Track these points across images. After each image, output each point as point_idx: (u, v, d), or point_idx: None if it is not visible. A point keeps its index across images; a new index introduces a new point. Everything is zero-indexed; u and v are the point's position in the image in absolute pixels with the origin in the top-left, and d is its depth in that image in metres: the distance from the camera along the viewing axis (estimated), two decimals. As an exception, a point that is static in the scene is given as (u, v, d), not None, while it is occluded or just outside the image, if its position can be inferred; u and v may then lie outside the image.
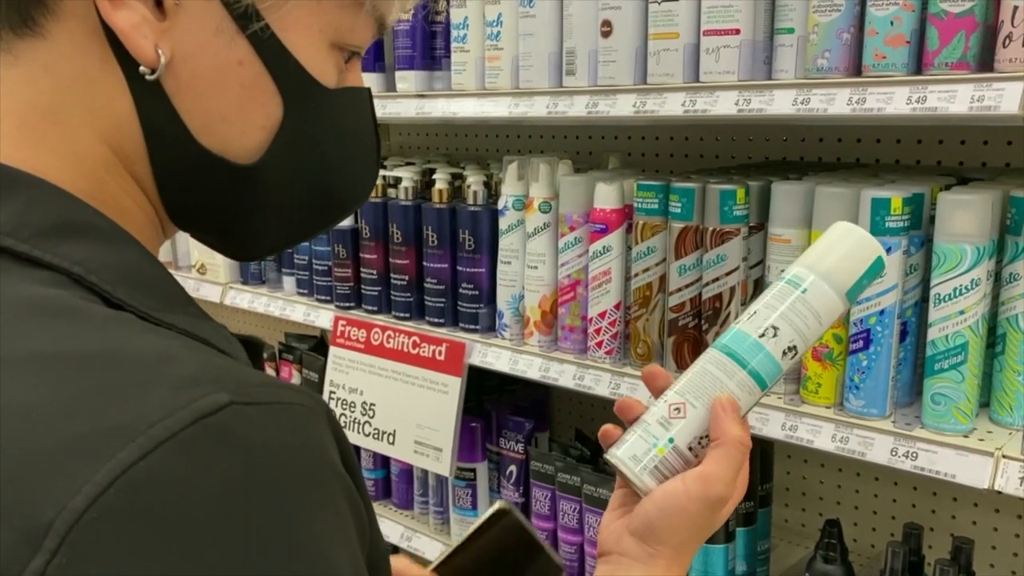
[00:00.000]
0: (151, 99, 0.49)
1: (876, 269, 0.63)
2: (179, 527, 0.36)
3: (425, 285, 1.48)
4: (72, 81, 0.48)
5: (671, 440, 0.63)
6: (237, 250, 0.61)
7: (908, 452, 0.98)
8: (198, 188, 0.53)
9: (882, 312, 1.00)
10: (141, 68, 0.48)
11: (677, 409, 0.63)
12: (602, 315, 1.25)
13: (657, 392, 0.68)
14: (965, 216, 0.94)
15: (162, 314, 0.46)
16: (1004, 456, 0.92)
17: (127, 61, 0.48)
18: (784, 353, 0.64)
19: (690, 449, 0.64)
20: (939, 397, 0.98)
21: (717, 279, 1.12)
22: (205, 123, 0.51)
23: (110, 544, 0.35)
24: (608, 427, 0.68)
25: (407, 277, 1.51)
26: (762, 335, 0.63)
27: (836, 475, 1.51)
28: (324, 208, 0.60)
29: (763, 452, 1.31)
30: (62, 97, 0.48)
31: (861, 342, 1.02)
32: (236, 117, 0.51)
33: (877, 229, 0.98)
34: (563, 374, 1.29)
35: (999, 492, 0.93)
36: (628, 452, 0.64)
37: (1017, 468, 0.92)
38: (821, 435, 1.05)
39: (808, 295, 0.63)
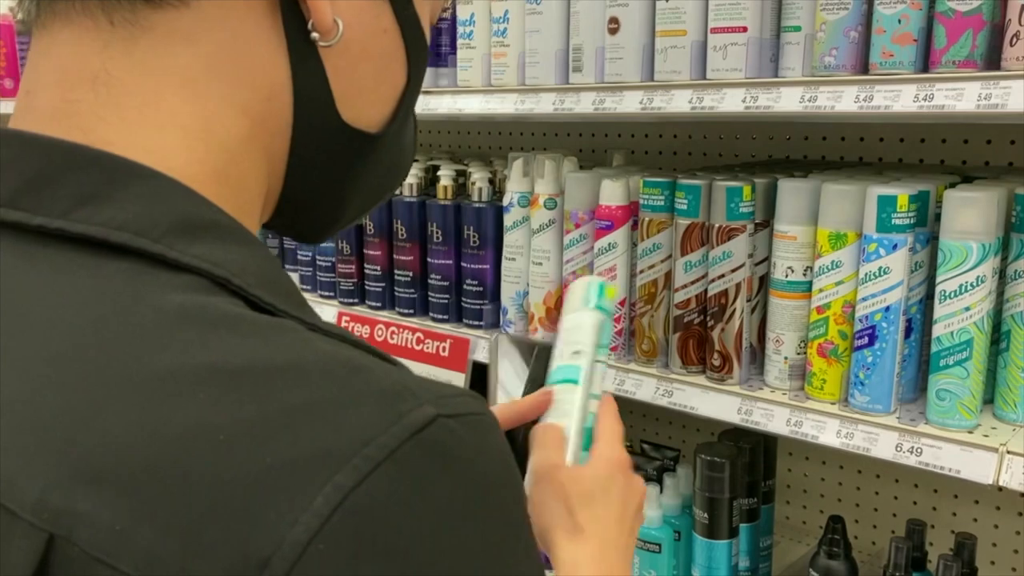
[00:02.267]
0: (309, 68, 0.47)
1: (600, 291, 0.85)
2: (407, 554, 0.34)
3: (429, 281, 1.48)
4: (219, 50, 0.44)
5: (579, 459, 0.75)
6: (316, 235, 0.57)
7: (913, 448, 0.99)
8: (327, 163, 0.51)
9: (887, 308, 1.01)
10: (314, 35, 0.46)
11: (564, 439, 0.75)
12: (607, 311, 1.25)
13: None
14: (971, 213, 0.94)
15: (312, 319, 0.42)
16: (1008, 452, 0.93)
17: (294, 28, 0.46)
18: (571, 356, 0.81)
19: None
20: (944, 393, 0.98)
21: (723, 276, 1.13)
22: (347, 93, 0.49)
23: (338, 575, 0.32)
24: None
25: (411, 273, 1.51)
26: (570, 357, 0.80)
27: (837, 472, 1.51)
28: (395, 181, 0.59)
29: (766, 448, 1.32)
30: (204, 68, 0.44)
31: (866, 338, 1.02)
32: (373, 87, 0.51)
33: (883, 226, 0.99)
34: (568, 370, 1.30)
35: (1001, 488, 0.94)
36: None
37: (1021, 464, 0.92)
38: (826, 431, 1.05)
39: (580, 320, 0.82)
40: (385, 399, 0.36)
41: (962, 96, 0.90)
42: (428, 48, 0.54)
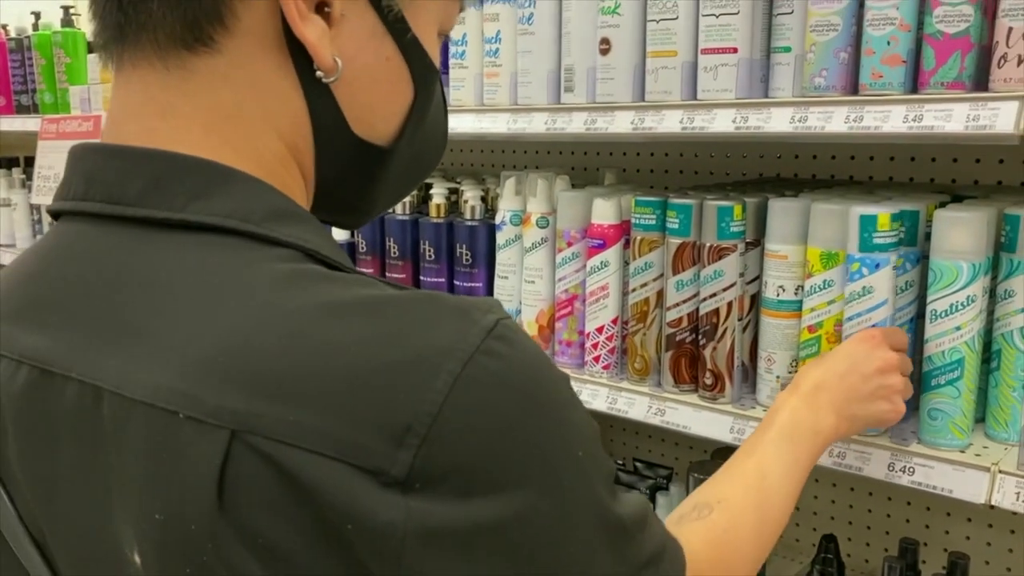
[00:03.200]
0: (321, 98, 0.56)
1: None
2: (505, 405, 0.47)
3: (422, 299, 1.48)
4: (249, 87, 0.54)
5: None
6: (355, 221, 0.69)
7: (905, 467, 0.99)
8: (349, 172, 0.61)
9: (873, 327, 1.01)
10: (318, 73, 0.55)
11: None
12: (599, 330, 1.26)
13: None
14: (961, 233, 0.95)
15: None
16: (1000, 471, 0.93)
17: (302, 67, 0.55)
18: None
19: None
20: (936, 412, 0.99)
21: (714, 294, 1.13)
22: (359, 114, 0.58)
23: (462, 429, 0.46)
24: None
25: (403, 291, 1.51)
26: None
27: (831, 490, 1.51)
28: (421, 174, 0.69)
29: (759, 467, 1.32)
30: (241, 102, 0.54)
31: (858, 357, 1.02)
32: (382, 106, 0.60)
33: (865, 245, 0.99)
34: (560, 389, 1.29)
35: (993, 507, 0.94)
36: None
37: (1013, 483, 0.92)
38: (818, 450, 1.05)
39: None
40: (462, 312, 0.49)
41: (951, 117, 0.90)
42: (434, 66, 0.62)
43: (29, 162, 2.55)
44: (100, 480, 0.51)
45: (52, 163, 2.28)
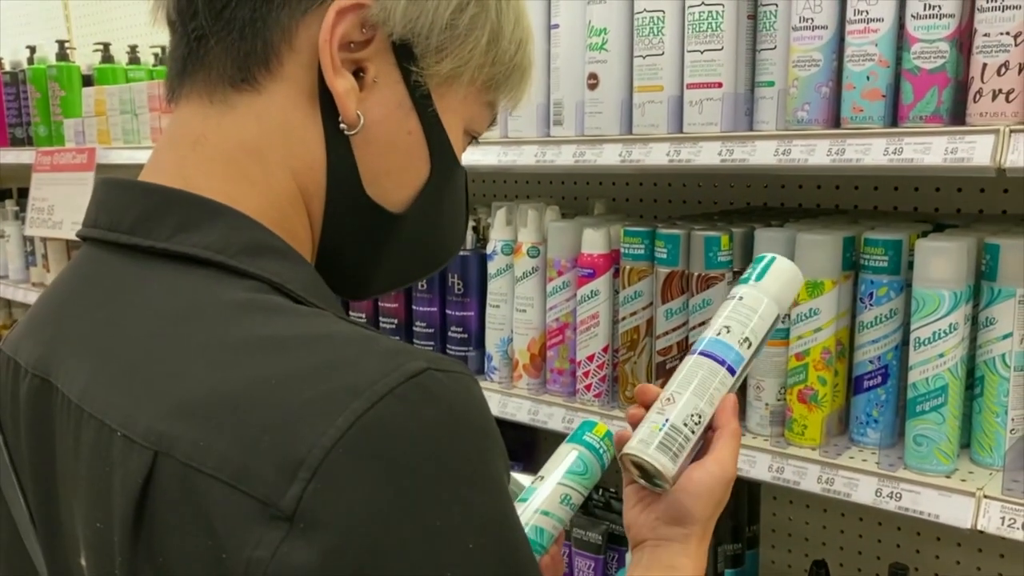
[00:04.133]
0: (340, 150, 0.60)
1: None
2: (402, 459, 0.46)
3: (414, 328, 1.49)
4: (278, 128, 0.59)
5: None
6: (353, 289, 0.70)
7: (892, 493, 1.00)
8: (354, 228, 0.64)
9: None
10: (342, 125, 0.59)
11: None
12: (590, 358, 1.27)
13: (648, 404, 0.80)
14: (942, 263, 0.97)
15: (341, 314, 0.57)
16: (986, 496, 0.95)
17: (329, 118, 0.59)
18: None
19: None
20: (921, 438, 1.00)
21: (703, 323, 1.15)
22: (373, 175, 0.62)
23: (352, 472, 0.45)
24: (620, 432, 0.81)
25: (396, 320, 1.52)
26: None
27: (821, 516, 1.52)
28: (430, 259, 0.72)
29: (750, 494, 1.33)
30: (267, 140, 0.59)
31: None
32: (396, 174, 0.63)
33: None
34: (552, 417, 1.31)
35: (981, 532, 0.95)
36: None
37: (998, 508, 0.94)
38: (807, 477, 1.06)
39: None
40: (389, 355, 0.49)
41: (929, 150, 0.93)
42: (454, 153, 0.65)
43: (23, 194, 2.56)
44: (71, 486, 0.55)
45: (46, 195, 2.29)
